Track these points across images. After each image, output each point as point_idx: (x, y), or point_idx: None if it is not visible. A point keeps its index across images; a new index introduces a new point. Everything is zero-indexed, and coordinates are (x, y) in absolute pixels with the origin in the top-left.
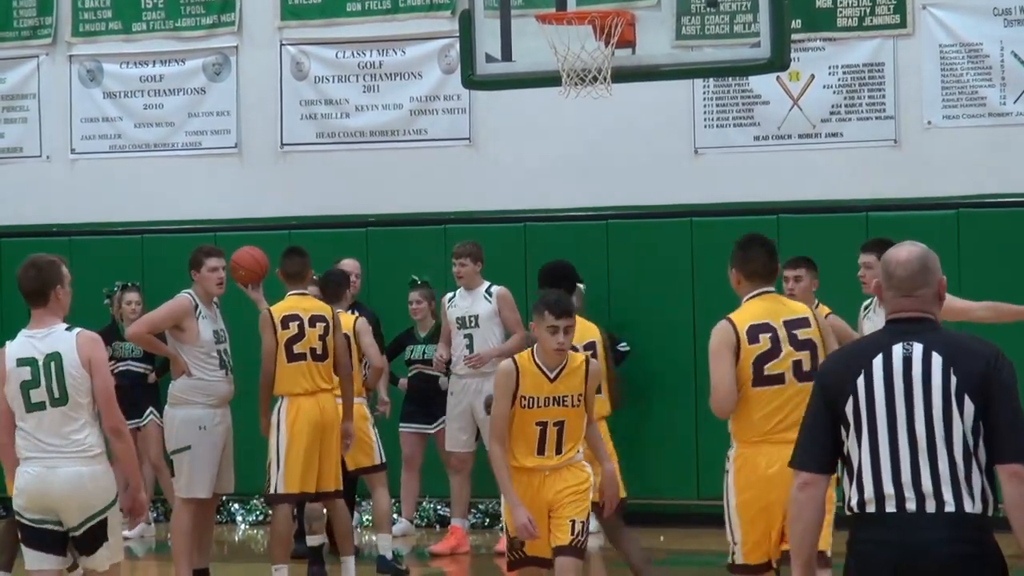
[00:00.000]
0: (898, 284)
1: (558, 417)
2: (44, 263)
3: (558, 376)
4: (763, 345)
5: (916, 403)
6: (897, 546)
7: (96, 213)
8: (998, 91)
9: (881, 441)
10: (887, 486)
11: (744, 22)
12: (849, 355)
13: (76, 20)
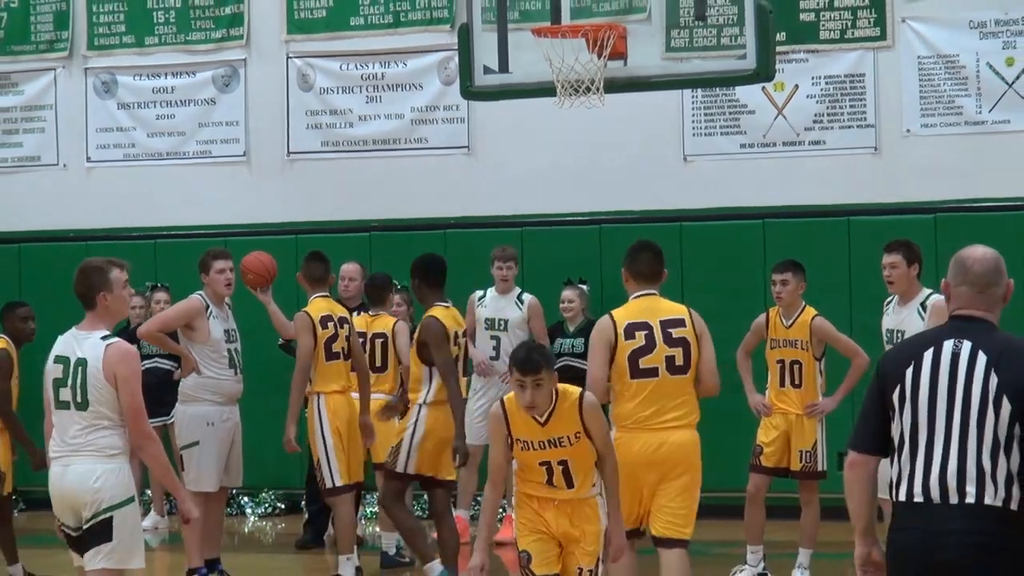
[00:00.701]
0: (974, 279)
1: (560, 457)
2: (91, 268)
3: (549, 419)
4: (638, 341)
5: (956, 398)
6: (921, 534)
7: (111, 219)
8: (974, 100)
9: (920, 431)
10: (918, 476)
11: (731, 35)
12: (908, 345)
13: (91, 34)
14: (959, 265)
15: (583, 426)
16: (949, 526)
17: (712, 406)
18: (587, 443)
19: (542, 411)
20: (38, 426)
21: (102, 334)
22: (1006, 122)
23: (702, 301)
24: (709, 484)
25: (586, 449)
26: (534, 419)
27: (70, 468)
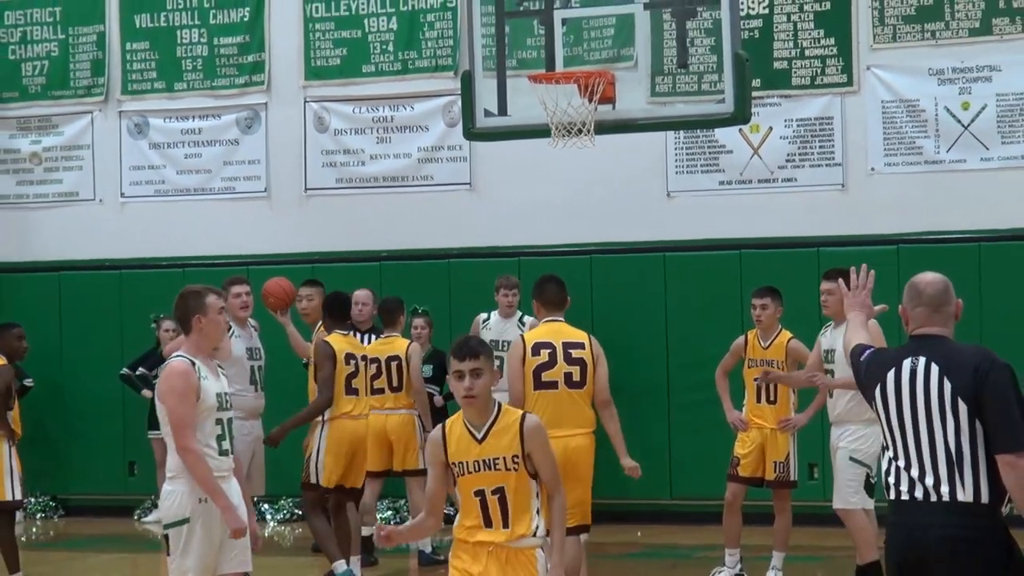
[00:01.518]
0: (927, 301)
1: (495, 483)
2: (189, 293)
3: (486, 435)
4: (542, 358)
5: (919, 408)
6: (905, 528)
7: (143, 250)
8: (933, 142)
9: (897, 440)
10: (903, 478)
11: (710, 81)
12: (877, 364)
13: (125, 80)
14: (913, 290)
15: (523, 450)
16: (928, 520)
17: (692, 421)
18: (526, 475)
19: (481, 406)
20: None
21: (172, 359)
22: (962, 161)
23: (683, 325)
24: (690, 492)
25: (525, 482)
26: (470, 434)
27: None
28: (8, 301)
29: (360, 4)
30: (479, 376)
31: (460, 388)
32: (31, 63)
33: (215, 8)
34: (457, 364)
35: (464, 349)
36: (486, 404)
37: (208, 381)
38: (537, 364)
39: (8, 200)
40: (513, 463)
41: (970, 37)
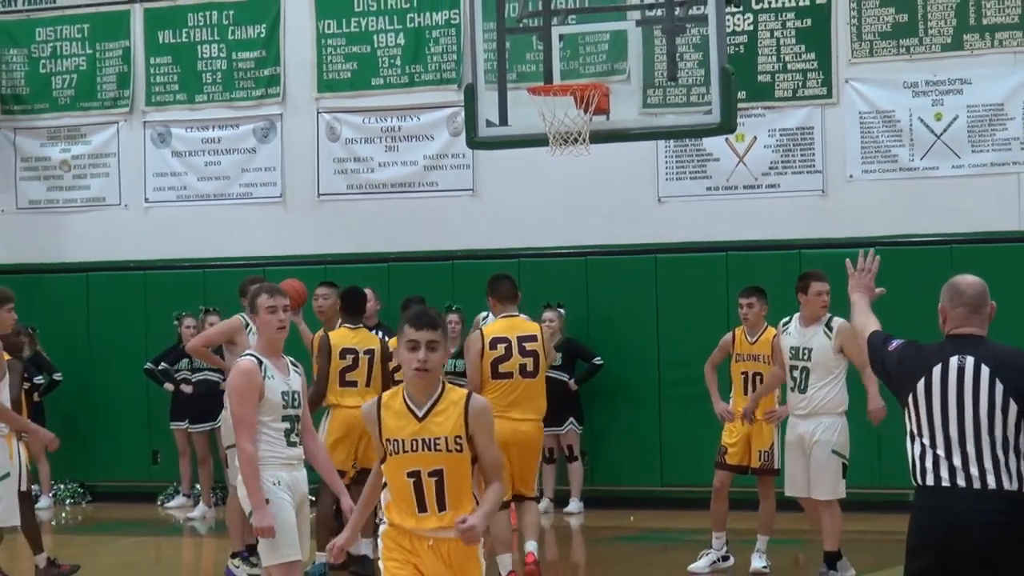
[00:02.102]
0: (968, 301)
1: (433, 465)
2: (250, 292)
3: (428, 413)
4: (499, 352)
5: (966, 404)
6: (947, 514)
7: (166, 252)
8: (907, 150)
9: (937, 432)
10: (942, 466)
11: (698, 93)
12: (918, 359)
13: (149, 92)
14: (954, 290)
15: (467, 432)
16: (972, 507)
17: (681, 413)
18: (467, 459)
19: (429, 383)
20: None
21: (241, 357)
22: (935, 168)
23: (673, 323)
24: (680, 480)
25: (465, 465)
26: (410, 410)
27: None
28: (39, 301)
29: (369, 21)
30: (435, 350)
31: (412, 359)
32: (61, 76)
33: (233, 25)
34: (413, 333)
35: (423, 318)
36: (434, 381)
37: (274, 380)
38: (495, 357)
39: (39, 205)
40: (456, 444)
41: (942, 52)
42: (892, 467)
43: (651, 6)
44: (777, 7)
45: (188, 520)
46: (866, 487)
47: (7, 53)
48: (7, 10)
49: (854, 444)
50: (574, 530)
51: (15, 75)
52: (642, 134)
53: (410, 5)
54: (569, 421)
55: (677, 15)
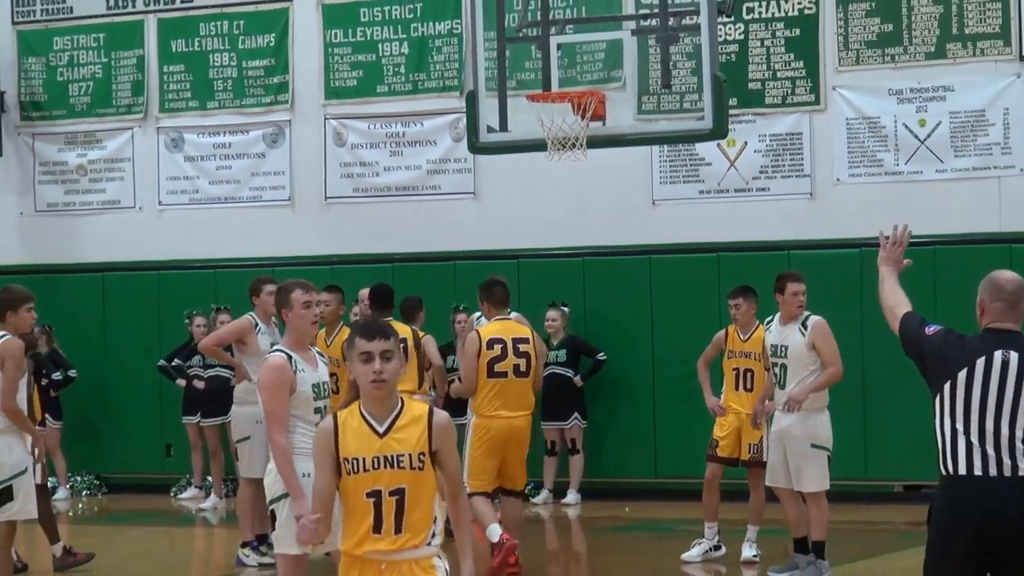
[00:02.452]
0: (1007, 296)
1: (395, 484)
2: (278, 289)
3: (390, 429)
4: (495, 352)
5: (1007, 397)
6: (982, 502)
7: (179, 252)
8: (892, 155)
9: (972, 422)
10: (975, 454)
11: (691, 100)
12: (958, 351)
13: (163, 99)
14: (994, 285)
15: (430, 447)
16: (1007, 495)
17: (675, 408)
18: (430, 475)
19: (387, 395)
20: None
21: (271, 353)
22: (919, 172)
23: (668, 322)
24: (673, 472)
25: (427, 483)
26: (370, 427)
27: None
28: (56, 300)
29: (375, 31)
30: (389, 359)
31: (368, 372)
32: (78, 84)
33: (244, 34)
34: (366, 345)
35: (374, 328)
36: (392, 393)
37: (304, 373)
38: (491, 357)
39: (57, 208)
40: (419, 461)
41: (926, 61)
42: (878, 460)
43: (645, 16)
44: (767, 17)
45: (200, 511)
46: (853, 479)
47: (26, 61)
48: (26, 20)
49: (841, 437)
50: (571, 520)
51: (33, 83)
52: (637, 139)
53: (414, 15)
54: (573, 416)
55: (671, 25)
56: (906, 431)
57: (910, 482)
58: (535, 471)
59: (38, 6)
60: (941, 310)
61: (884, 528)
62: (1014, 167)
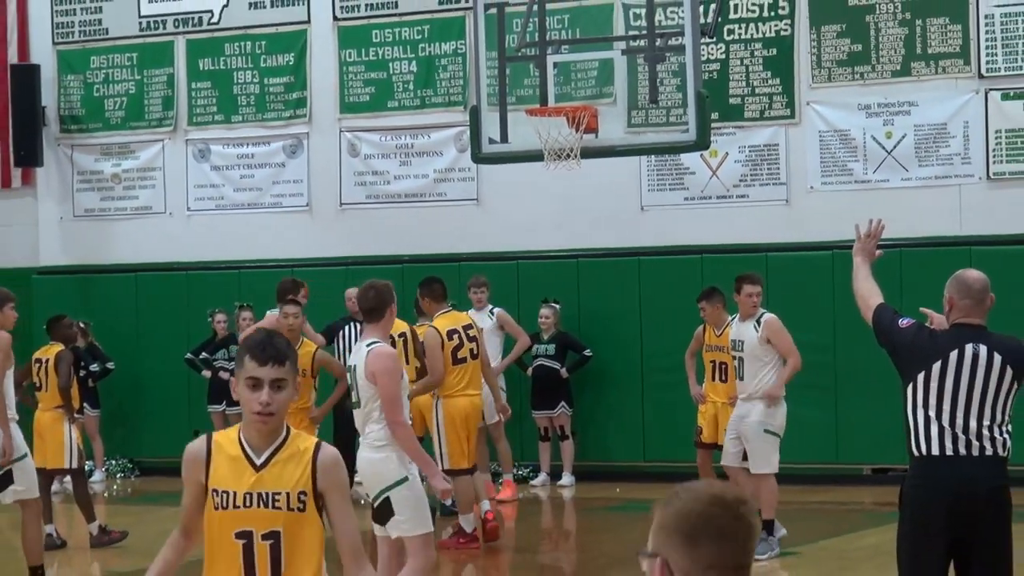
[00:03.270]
0: (975, 295)
1: (269, 526)
2: (382, 286)
3: (268, 462)
4: (455, 341)
5: (977, 384)
6: (955, 479)
7: (206, 254)
8: (861, 164)
9: (945, 406)
10: (947, 436)
11: (677, 114)
12: (933, 344)
13: (191, 113)
14: (963, 283)
15: (314, 488)
16: (976, 472)
17: (661, 397)
18: (315, 523)
19: (274, 427)
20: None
21: (368, 342)
22: (886, 181)
23: (655, 318)
24: (661, 455)
25: (312, 531)
26: (246, 457)
27: (360, 455)
28: (93, 298)
29: (386, 50)
30: (281, 389)
31: (254, 401)
32: (112, 99)
33: (265, 53)
34: (255, 368)
35: (268, 350)
36: (279, 425)
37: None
38: (453, 347)
39: (93, 213)
40: (299, 501)
41: (892, 78)
42: (848, 445)
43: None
44: (746, 38)
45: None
46: (825, 463)
47: (65, 79)
48: (65, 41)
49: (814, 424)
50: (567, 501)
51: (72, 98)
52: (627, 150)
53: (422, 36)
54: (561, 404)
55: (657, 45)
56: (874, 418)
57: (878, 465)
58: (532, 456)
59: (76, 28)
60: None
61: (854, 508)
62: (973, 176)
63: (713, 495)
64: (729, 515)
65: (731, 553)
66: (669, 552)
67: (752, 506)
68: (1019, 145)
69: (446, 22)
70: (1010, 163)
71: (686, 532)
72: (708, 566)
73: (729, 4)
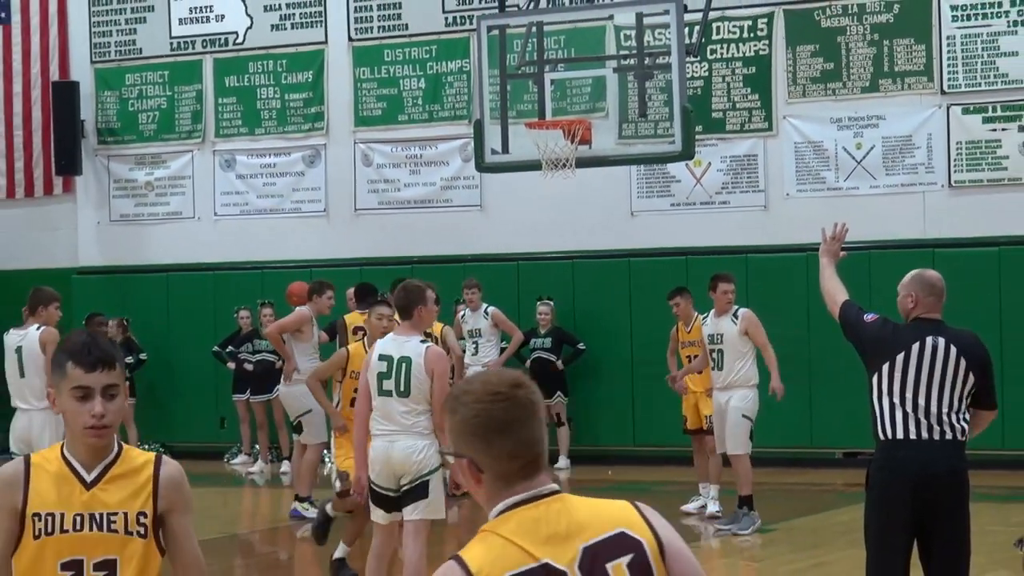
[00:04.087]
0: (938, 292)
1: (102, 553)
2: (412, 287)
3: (101, 478)
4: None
5: (936, 373)
6: (918, 461)
7: (231, 256)
8: (833, 173)
9: (908, 394)
10: (910, 422)
11: (664, 127)
12: (897, 336)
13: (218, 126)
14: (926, 282)
15: (155, 509)
16: (937, 455)
17: (650, 386)
18: (153, 547)
19: (106, 442)
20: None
21: (420, 338)
22: (856, 188)
23: (643, 314)
24: (650, 440)
25: (147, 557)
26: (75, 475)
27: (396, 443)
28: (129, 296)
29: (397, 68)
30: (114, 397)
31: (84, 414)
32: (146, 113)
33: (286, 72)
34: (82, 376)
35: (95, 352)
36: (112, 439)
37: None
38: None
39: (128, 218)
40: (139, 525)
41: (862, 94)
42: (821, 430)
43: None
44: (728, 57)
45: (248, 474)
46: (799, 447)
47: (102, 95)
48: (103, 60)
49: (789, 411)
50: (563, 483)
51: (108, 113)
52: (618, 160)
53: (429, 56)
54: (557, 394)
55: (646, 64)
56: (845, 405)
57: (848, 449)
58: None
59: (113, 48)
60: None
61: (826, 488)
62: (936, 183)
63: (488, 391)
64: (507, 403)
65: (522, 437)
66: (472, 454)
67: (528, 383)
68: (978, 155)
69: (452, 42)
70: (969, 172)
71: (479, 435)
72: (510, 457)
73: (712, 26)
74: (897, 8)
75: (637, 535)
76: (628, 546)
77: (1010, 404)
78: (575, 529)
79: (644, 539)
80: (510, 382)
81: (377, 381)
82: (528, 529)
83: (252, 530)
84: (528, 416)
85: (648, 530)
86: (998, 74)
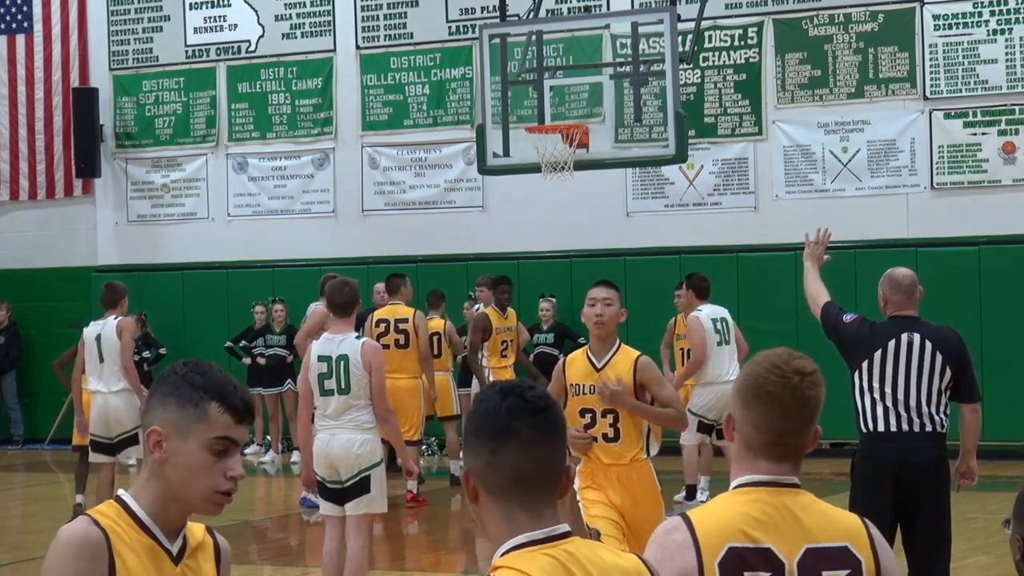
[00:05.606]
0: (905, 290)
1: None
2: (353, 285)
3: (183, 551)
4: (381, 329)
5: (912, 368)
6: (900, 451)
7: (244, 254)
8: (821, 175)
9: (887, 389)
10: (891, 415)
11: (658, 132)
12: (874, 334)
13: (231, 130)
14: (894, 281)
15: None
16: (917, 445)
17: None
18: None
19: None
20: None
21: (355, 335)
22: (842, 190)
23: (640, 313)
24: None
25: None
26: (161, 547)
27: (336, 437)
28: (147, 293)
29: (402, 75)
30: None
31: (218, 476)
32: (162, 118)
33: (296, 78)
34: (230, 426)
35: (243, 394)
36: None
37: None
38: (378, 333)
39: (145, 219)
40: None
41: (848, 99)
42: None
43: (621, 64)
44: (719, 64)
45: (261, 464)
46: None
47: (120, 100)
48: (120, 67)
49: None
50: None
51: (126, 117)
52: (614, 163)
53: (434, 63)
54: None
55: (641, 71)
56: (831, 398)
57: (834, 440)
58: None
59: (130, 56)
60: (860, 302)
61: (814, 477)
62: (919, 186)
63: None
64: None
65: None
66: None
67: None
68: (959, 159)
69: (455, 50)
70: (951, 174)
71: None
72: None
73: (704, 35)
74: (882, 17)
75: (859, 554)
76: (848, 561)
77: (989, 397)
78: (806, 528)
79: (864, 559)
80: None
81: (319, 382)
82: (760, 511)
83: (265, 517)
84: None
85: (871, 553)
86: (978, 81)
